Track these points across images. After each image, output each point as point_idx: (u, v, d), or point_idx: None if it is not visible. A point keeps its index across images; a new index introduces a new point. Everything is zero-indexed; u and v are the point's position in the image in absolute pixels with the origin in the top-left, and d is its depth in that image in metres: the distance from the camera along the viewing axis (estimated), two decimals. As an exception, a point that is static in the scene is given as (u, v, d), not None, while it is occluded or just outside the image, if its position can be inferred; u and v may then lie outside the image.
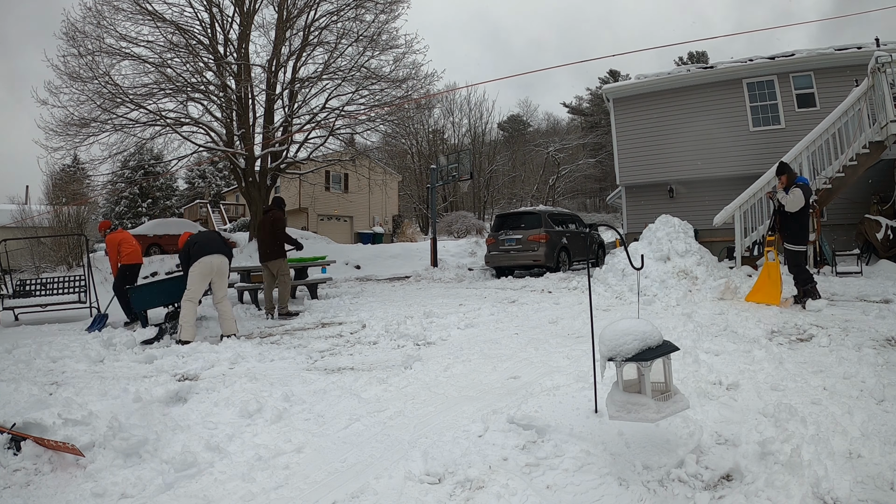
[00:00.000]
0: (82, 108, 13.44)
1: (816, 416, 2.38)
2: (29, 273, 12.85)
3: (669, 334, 4.15)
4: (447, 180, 15.95)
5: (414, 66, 15.87)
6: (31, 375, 4.09)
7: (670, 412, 2.07)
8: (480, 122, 38.93)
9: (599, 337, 2.17)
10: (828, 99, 11.69)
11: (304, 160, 16.95)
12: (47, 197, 16.97)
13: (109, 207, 28.20)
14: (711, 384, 2.93)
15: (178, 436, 2.64)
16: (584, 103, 45.82)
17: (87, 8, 13.17)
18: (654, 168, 13.91)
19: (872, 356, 3.24)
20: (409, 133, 33.18)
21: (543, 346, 4.23)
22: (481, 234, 23.89)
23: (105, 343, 5.14)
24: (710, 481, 1.96)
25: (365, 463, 2.34)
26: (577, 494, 1.94)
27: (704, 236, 10.74)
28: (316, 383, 3.45)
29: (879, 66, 8.18)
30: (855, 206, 10.38)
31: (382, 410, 2.95)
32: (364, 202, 28.23)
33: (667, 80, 13.82)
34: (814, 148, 8.73)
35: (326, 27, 15.37)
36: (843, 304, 5.49)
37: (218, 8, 14.68)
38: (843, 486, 1.80)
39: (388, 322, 5.99)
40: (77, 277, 8.96)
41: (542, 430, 2.39)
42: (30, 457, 2.35)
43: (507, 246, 11.86)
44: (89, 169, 16.47)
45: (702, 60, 35.57)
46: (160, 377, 3.77)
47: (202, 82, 14.44)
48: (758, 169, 10.25)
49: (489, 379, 3.44)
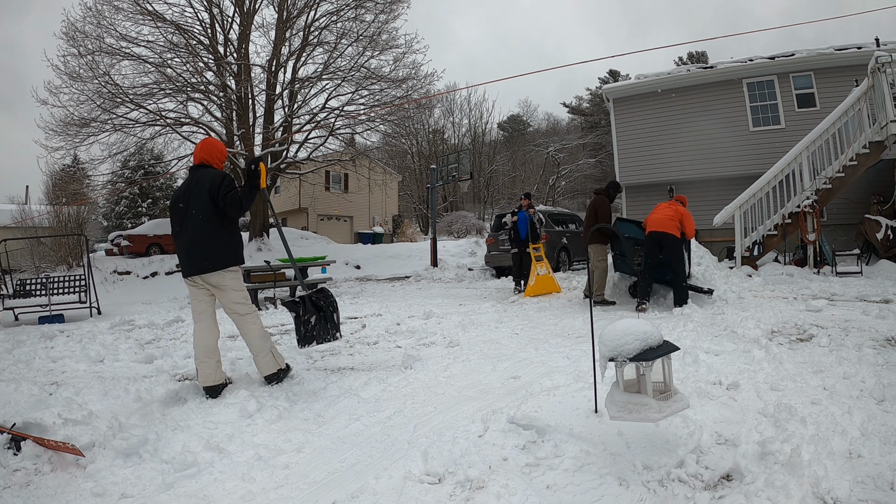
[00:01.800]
0: (82, 107, 13.46)
1: (816, 416, 2.38)
2: (29, 273, 12.85)
3: (669, 334, 4.15)
4: (447, 180, 15.96)
5: (414, 66, 15.90)
6: (31, 375, 4.09)
7: (671, 412, 2.07)
8: (480, 122, 38.95)
9: (600, 337, 2.17)
10: (828, 99, 11.70)
11: (304, 160, 16.96)
12: (47, 197, 16.99)
13: (109, 207, 28.17)
14: (711, 384, 2.93)
15: (178, 435, 2.64)
16: (584, 103, 45.80)
17: (87, 8, 13.19)
18: (654, 168, 13.91)
19: (872, 356, 3.24)
20: (409, 133, 33.17)
21: (543, 346, 4.23)
22: (481, 234, 23.89)
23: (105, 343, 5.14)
24: (710, 481, 1.96)
25: (365, 463, 2.34)
26: (577, 494, 1.94)
27: (704, 236, 10.72)
28: (316, 383, 3.45)
29: (879, 66, 8.19)
30: (855, 206, 10.38)
31: (382, 410, 2.95)
32: (364, 202, 28.23)
33: (667, 80, 13.82)
34: (814, 148, 8.73)
35: (326, 27, 15.38)
36: (843, 304, 5.49)
37: (218, 8, 14.69)
38: (842, 486, 1.79)
39: (388, 322, 5.99)
40: (77, 277, 8.96)
41: (542, 430, 2.39)
42: (30, 457, 2.34)
43: (508, 246, 11.86)
44: (89, 169, 16.51)
45: (702, 60, 35.56)
46: (160, 377, 3.77)
47: (202, 82, 14.44)
48: (758, 169, 10.25)
49: (489, 379, 3.44)
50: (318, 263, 9.65)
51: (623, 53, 48.18)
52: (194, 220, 3.21)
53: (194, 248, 3.24)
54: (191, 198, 3.25)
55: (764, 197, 8.92)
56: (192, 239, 3.23)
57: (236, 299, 3.31)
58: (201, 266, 3.24)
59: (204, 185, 3.24)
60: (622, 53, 46.58)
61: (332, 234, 24.73)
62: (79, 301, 8.36)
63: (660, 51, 46.40)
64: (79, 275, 9.06)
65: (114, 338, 5.71)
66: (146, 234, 15.85)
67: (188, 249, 3.26)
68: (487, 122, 39.57)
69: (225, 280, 3.28)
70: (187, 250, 3.27)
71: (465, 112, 39.07)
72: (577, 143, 38.81)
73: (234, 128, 15.07)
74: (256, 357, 3.35)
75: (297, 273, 3.81)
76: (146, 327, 6.32)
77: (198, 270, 3.24)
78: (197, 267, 3.24)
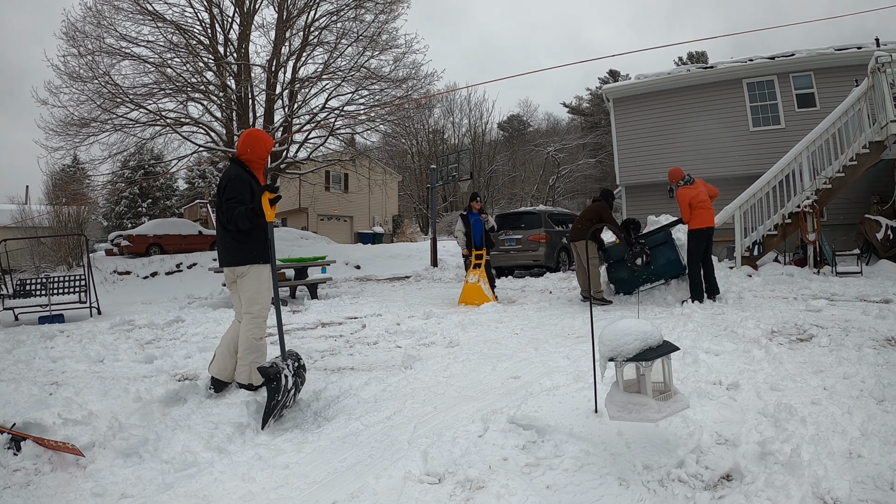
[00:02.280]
0: (82, 107, 13.47)
1: (816, 416, 2.38)
2: (29, 273, 12.85)
3: (669, 334, 4.15)
4: (447, 180, 15.96)
5: (414, 66, 15.90)
6: (31, 375, 4.09)
7: (671, 412, 2.07)
8: (480, 122, 38.98)
9: (600, 337, 2.17)
10: (828, 99, 11.70)
11: (304, 160, 16.97)
12: (47, 197, 16.99)
13: (109, 207, 28.21)
14: (711, 384, 2.93)
15: (178, 435, 2.64)
16: (584, 103, 45.82)
17: (88, 8, 13.19)
18: (654, 168, 13.90)
19: (872, 356, 3.24)
20: (409, 133, 33.18)
21: (543, 346, 4.23)
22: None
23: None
24: (710, 481, 1.96)
25: (365, 463, 2.34)
26: (577, 494, 1.94)
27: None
28: (316, 383, 3.45)
29: (879, 66, 8.18)
30: (855, 206, 10.38)
31: (382, 410, 2.95)
32: (364, 202, 28.24)
33: (667, 80, 13.82)
34: (814, 148, 8.73)
35: (326, 27, 15.38)
36: (843, 304, 5.49)
37: (218, 8, 14.69)
38: (842, 486, 1.79)
39: (388, 322, 5.99)
40: (77, 277, 8.96)
41: (541, 430, 2.39)
42: (30, 457, 2.34)
43: (507, 246, 11.87)
44: (89, 169, 16.51)
45: (702, 60, 35.56)
46: (160, 377, 3.77)
47: (202, 82, 14.45)
48: (758, 169, 10.25)
49: (489, 379, 3.44)
50: (317, 263, 9.65)
51: (623, 53, 48.20)
52: (218, 214, 3.28)
53: (218, 242, 3.37)
54: (219, 191, 3.32)
55: (764, 197, 8.91)
56: (217, 231, 3.35)
57: (247, 298, 3.28)
58: (221, 259, 3.34)
59: (221, 182, 3.29)
60: (622, 53, 46.61)
61: (332, 234, 24.73)
62: (79, 301, 8.36)
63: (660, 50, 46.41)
64: (79, 275, 9.06)
65: (114, 338, 5.70)
66: (146, 234, 15.84)
67: (217, 242, 3.42)
68: (487, 122, 39.62)
69: (241, 276, 3.29)
70: (217, 242, 3.42)
71: (465, 112, 39.11)
72: (577, 143, 38.84)
73: (234, 128, 15.06)
74: (238, 360, 3.30)
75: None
76: (146, 327, 6.32)
77: (221, 263, 3.36)
78: (221, 259, 3.36)
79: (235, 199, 3.14)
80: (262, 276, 3.29)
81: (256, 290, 3.27)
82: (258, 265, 3.27)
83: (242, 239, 3.23)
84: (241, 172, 3.27)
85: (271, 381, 2.83)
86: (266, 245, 3.26)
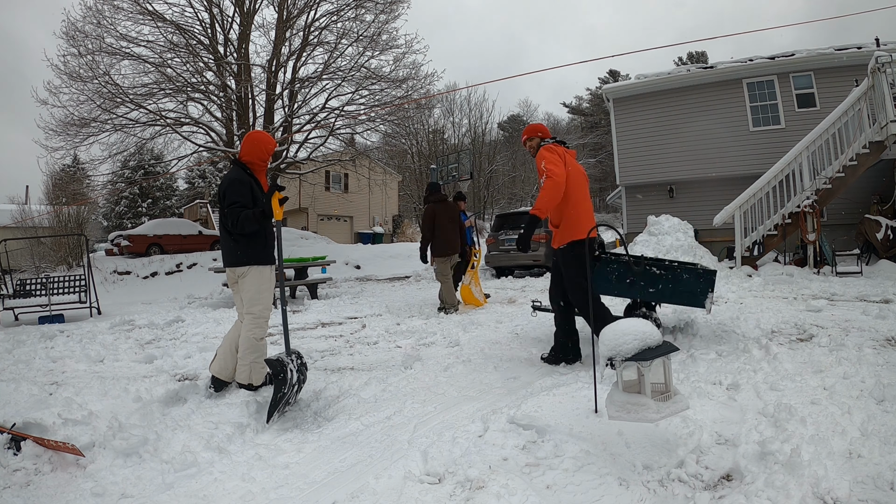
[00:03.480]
0: (82, 107, 13.47)
1: (816, 416, 2.38)
2: (29, 273, 12.85)
3: (669, 334, 4.15)
4: (447, 180, 15.95)
5: (414, 66, 15.90)
6: (31, 375, 4.09)
7: (670, 412, 2.06)
8: (480, 122, 38.88)
9: (599, 337, 2.17)
10: (828, 99, 11.69)
11: (304, 160, 16.96)
12: (47, 197, 17.01)
13: (109, 207, 28.19)
14: (711, 384, 2.93)
15: (178, 435, 2.64)
16: (584, 103, 45.83)
17: (88, 7, 13.19)
18: (654, 168, 13.91)
19: (872, 356, 3.24)
20: (409, 133, 33.11)
21: (544, 346, 4.22)
22: (481, 234, 23.87)
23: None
24: (710, 481, 1.96)
25: (365, 463, 2.34)
26: (577, 494, 1.94)
27: (704, 236, 10.74)
28: (316, 383, 3.45)
29: (879, 66, 8.18)
30: (855, 206, 10.38)
31: (382, 410, 2.95)
32: (364, 202, 28.24)
33: (667, 80, 13.82)
34: (814, 148, 8.73)
35: (326, 27, 15.38)
36: (843, 304, 5.49)
37: (218, 8, 14.69)
38: (842, 486, 1.79)
39: (388, 322, 5.99)
40: (77, 277, 8.95)
41: (542, 430, 2.39)
42: (30, 457, 2.34)
43: (507, 246, 11.86)
44: (89, 169, 16.52)
45: (702, 60, 35.57)
46: (160, 377, 3.77)
47: (202, 82, 14.45)
48: (758, 169, 10.24)
49: (489, 379, 3.44)
50: (317, 263, 9.65)
51: (622, 53, 48.18)
52: (221, 217, 3.28)
53: (221, 243, 3.40)
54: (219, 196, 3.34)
55: (764, 197, 8.92)
56: (220, 233, 3.38)
57: (247, 299, 3.27)
58: (224, 260, 3.38)
59: (221, 187, 3.31)
60: (622, 53, 46.57)
61: (332, 234, 24.73)
62: (79, 301, 8.36)
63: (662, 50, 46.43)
64: (79, 275, 9.05)
65: (114, 338, 5.70)
66: (146, 234, 15.85)
67: (220, 243, 3.46)
68: (487, 122, 39.55)
69: (241, 277, 3.28)
70: (220, 243, 3.47)
71: (465, 112, 39.03)
72: (578, 143, 38.83)
73: (234, 128, 15.06)
74: (238, 360, 3.29)
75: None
76: (146, 327, 6.32)
77: (223, 263, 3.40)
78: (223, 260, 3.40)
79: (238, 204, 3.14)
80: (263, 276, 3.29)
81: (257, 291, 3.27)
82: (259, 266, 3.27)
83: (243, 240, 3.23)
84: (242, 175, 3.26)
85: (278, 373, 2.89)
86: (267, 246, 3.28)
